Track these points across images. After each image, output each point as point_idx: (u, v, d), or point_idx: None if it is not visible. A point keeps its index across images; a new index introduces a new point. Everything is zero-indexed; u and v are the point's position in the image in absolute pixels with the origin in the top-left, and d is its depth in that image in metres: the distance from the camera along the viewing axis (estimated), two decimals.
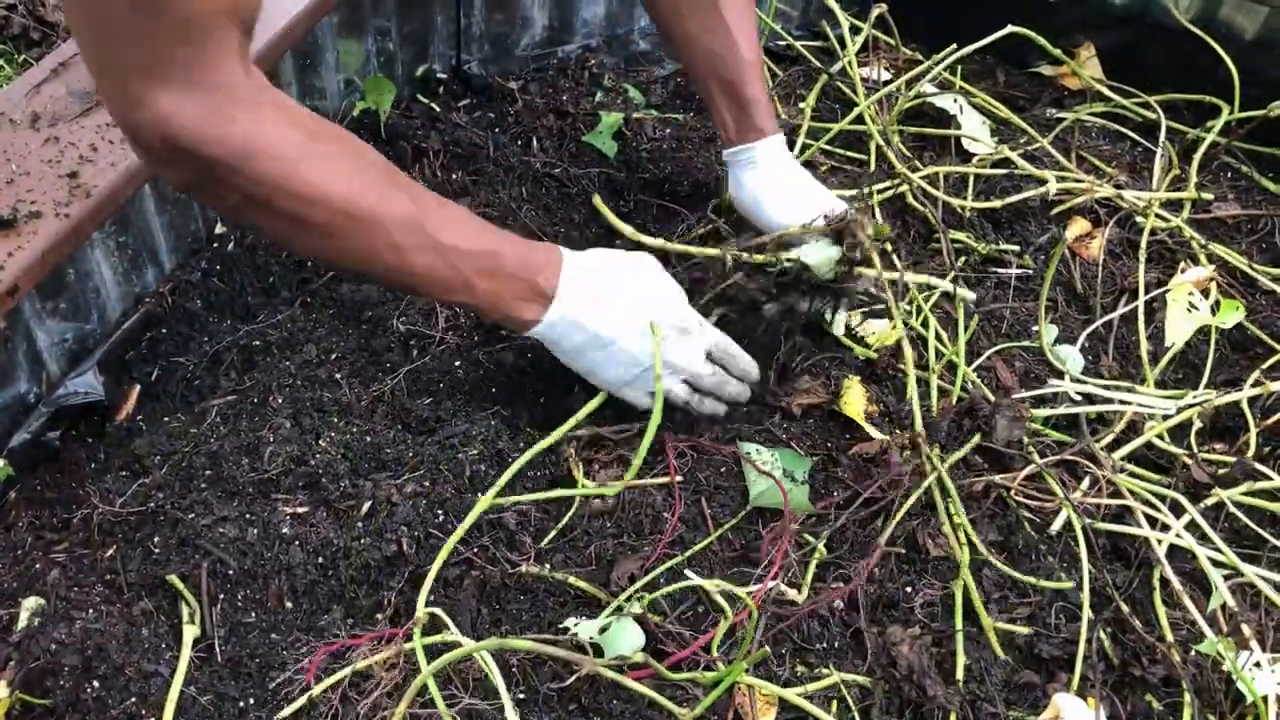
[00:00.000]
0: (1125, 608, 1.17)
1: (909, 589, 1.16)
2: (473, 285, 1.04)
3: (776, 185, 1.35)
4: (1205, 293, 1.51)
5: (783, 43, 1.87)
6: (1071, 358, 1.43)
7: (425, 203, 1.03)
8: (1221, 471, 1.29)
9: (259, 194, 0.91)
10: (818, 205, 1.30)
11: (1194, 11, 1.82)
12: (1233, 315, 1.47)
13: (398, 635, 1.01)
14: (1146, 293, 1.51)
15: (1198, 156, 1.72)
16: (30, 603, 1.05)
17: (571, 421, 1.18)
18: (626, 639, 1.00)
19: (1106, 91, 1.84)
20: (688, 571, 1.11)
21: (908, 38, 1.83)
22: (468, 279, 1.04)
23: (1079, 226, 1.63)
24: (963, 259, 1.56)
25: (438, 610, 1.04)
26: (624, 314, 1.12)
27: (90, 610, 1.05)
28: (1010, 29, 1.70)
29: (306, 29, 1.48)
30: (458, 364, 1.27)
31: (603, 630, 1.00)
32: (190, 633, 1.04)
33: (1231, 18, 1.80)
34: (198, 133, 0.84)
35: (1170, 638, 1.14)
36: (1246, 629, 1.13)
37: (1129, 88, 1.86)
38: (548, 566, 1.12)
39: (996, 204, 1.61)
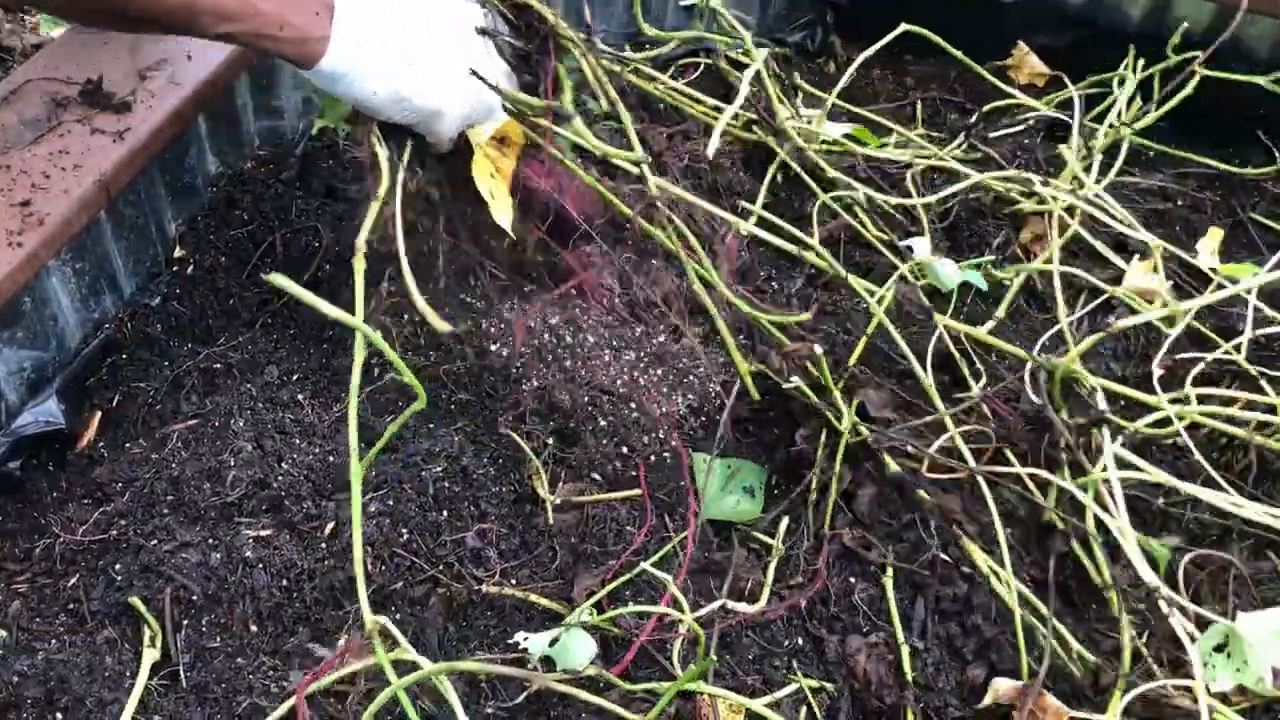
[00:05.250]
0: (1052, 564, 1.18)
1: (849, 581, 1.18)
2: (256, 6, 0.96)
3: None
4: (1155, 268, 1.54)
5: (742, 50, 1.88)
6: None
7: None
8: None
9: None
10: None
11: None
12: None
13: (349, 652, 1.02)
14: (1101, 293, 1.53)
15: (1125, 147, 1.74)
16: None
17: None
18: (578, 650, 1.01)
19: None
20: (645, 564, 1.11)
21: (863, 42, 1.83)
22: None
23: (1035, 228, 1.64)
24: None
25: (385, 620, 1.01)
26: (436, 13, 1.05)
27: (53, 641, 1.05)
28: (905, 27, 1.74)
29: None
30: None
31: (553, 643, 1.01)
32: (150, 656, 1.04)
33: (1183, 16, 1.83)
34: None
35: (1111, 586, 1.16)
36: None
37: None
38: (512, 583, 1.13)
39: (923, 201, 1.61)
